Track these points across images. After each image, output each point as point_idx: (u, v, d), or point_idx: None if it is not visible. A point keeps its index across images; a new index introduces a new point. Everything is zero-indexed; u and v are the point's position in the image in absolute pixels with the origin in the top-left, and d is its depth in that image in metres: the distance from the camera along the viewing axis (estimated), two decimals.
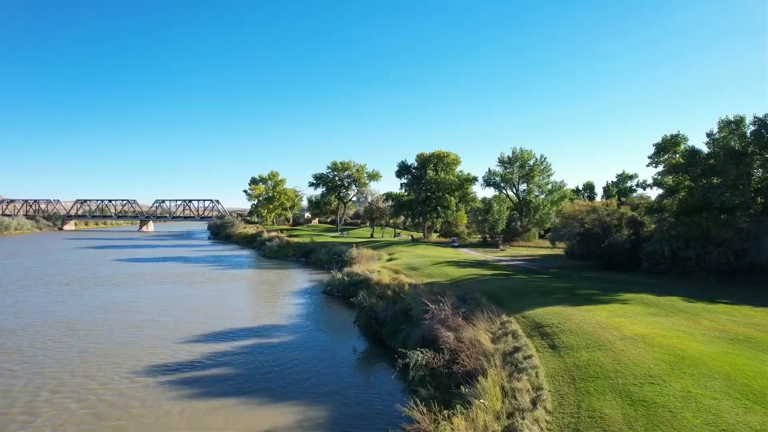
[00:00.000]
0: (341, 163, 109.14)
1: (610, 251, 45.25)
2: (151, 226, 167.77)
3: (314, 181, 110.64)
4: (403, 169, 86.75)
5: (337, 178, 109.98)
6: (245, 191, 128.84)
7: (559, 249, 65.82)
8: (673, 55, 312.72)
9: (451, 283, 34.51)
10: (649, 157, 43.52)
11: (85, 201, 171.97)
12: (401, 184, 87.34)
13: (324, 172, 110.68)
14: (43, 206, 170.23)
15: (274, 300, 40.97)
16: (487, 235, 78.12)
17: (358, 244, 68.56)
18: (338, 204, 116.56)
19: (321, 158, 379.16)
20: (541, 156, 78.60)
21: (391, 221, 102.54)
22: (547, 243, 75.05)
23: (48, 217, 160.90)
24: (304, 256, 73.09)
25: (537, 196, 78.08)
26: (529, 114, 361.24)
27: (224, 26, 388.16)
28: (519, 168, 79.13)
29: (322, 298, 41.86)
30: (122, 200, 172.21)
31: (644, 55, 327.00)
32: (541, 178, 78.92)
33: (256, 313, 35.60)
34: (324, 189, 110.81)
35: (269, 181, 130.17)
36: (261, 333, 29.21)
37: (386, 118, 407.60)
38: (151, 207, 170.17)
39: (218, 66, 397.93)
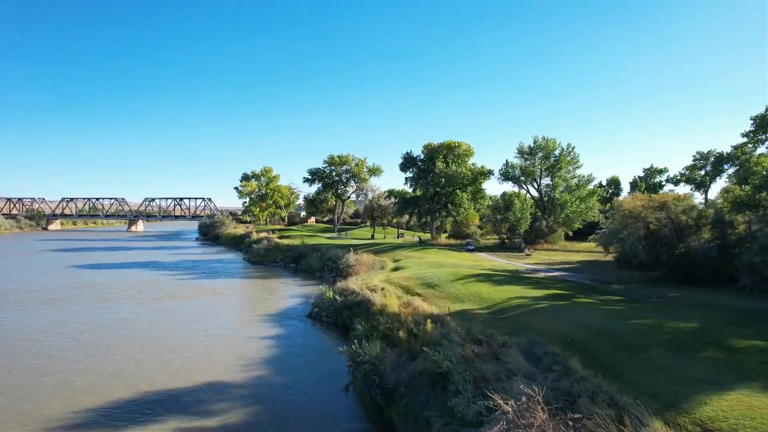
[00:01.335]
0: (339, 156, 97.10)
1: (687, 260, 33.53)
2: (140, 226, 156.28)
3: (309, 177, 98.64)
4: (408, 162, 74.77)
5: (334, 173, 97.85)
6: (236, 188, 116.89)
7: (599, 253, 54.13)
8: (693, 45, 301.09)
9: (491, 313, 22.80)
10: (745, 135, 31.83)
11: (72, 199, 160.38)
12: (406, 179, 75.45)
13: (320, 167, 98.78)
14: (27, 205, 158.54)
15: (240, 330, 29.22)
16: (506, 237, 66.42)
17: (356, 248, 56.96)
18: (336, 202, 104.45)
19: (320, 155, 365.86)
20: (568, 145, 66.92)
21: (395, 221, 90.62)
22: (577, 246, 63.39)
23: (30, 217, 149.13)
24: (294, 262, 61.38)
25: (563, 191, 66.29)
26: (538, 108, 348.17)
27: (214, 17, 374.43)
28: (542, 159, 67.31)
29: (306, 325, 30.19)
30: (110, 198, 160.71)
31: (664, 44, 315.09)
32: (567, 171, 67.16)
33: (206, 355, 23.87)
34: (320, 185, 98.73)
35: (262, 178, 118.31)
36: (200, 402, 17.55)
37: (388, 111, 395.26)
38: (141, 205, 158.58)
39: (211, 58, 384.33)
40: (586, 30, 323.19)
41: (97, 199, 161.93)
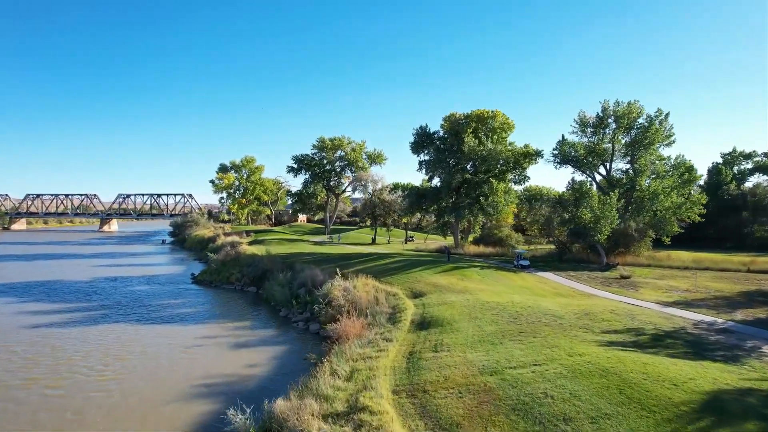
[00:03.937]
0: (331, 139, 74.28)
1: None
2: (114, 225, 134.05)
3: (294, 165, 75.77)
4: (422, 139, 51.90)
5: (325, 161, 74.96)
6: (211, 181, 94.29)
7: (731, 272, 31.65)
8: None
9: None
10: None
11: (38, 196, 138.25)
12: (420, 163, 52.75)
13: (308, 153, 75.84)
14: None
15: None
16: (566, 244, 43.79)
17: (349, 262, 34.64)
18: (327, 197, 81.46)
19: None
20: (658, 112, 44.28)
21: (403, 221, 68.07)
22: (674, 257, 40.79)
23: None
24: (256, 284, 38.88)
25: (651, 178, 43.75)
26: (574, 83, 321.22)
27: (196, 10, 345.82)
28: (619, 132, 44.73)
29: None
30: (80, 195, 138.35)
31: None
32: (656, 148, 44.52)
33: None
34: (307, 176, 75.88)
35: (243, 169, 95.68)
36: None
37: (390, 110, 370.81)
38: (114, 202, 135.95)
39: (200, 49, 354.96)
40: (592, 17, 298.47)
41: (66, 195, 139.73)
